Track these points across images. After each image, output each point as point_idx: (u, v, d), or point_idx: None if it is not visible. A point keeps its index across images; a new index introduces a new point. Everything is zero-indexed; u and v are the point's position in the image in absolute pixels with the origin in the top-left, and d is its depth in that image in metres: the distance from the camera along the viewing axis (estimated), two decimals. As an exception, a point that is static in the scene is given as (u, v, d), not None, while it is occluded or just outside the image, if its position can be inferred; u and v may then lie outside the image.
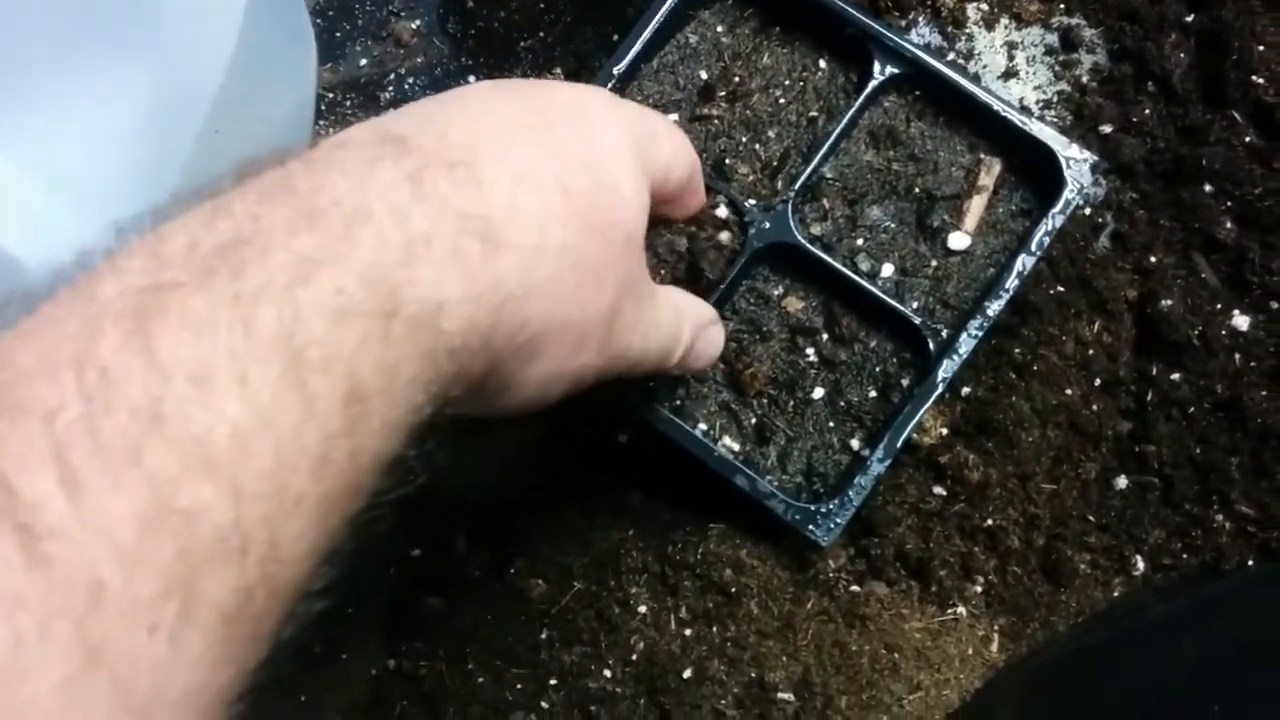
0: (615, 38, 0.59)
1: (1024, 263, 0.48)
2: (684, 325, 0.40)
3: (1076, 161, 0.48)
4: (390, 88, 0.61)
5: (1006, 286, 0.48)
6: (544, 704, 0.51)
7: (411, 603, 0.55)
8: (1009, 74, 0.58)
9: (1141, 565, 0.52)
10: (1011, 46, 0.59)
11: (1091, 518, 0.53)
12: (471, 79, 0.61)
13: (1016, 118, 0.49)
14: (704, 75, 0.52)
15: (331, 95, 0.61)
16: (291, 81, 0.55)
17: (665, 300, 0.39)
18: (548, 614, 0.52)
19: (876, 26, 0.50)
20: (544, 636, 0.52)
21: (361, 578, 0.56)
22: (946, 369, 0.48)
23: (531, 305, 0.30)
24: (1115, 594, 0.52)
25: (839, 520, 0.47)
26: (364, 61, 0.61)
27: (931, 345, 0.48)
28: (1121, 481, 0.53)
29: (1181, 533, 0.52)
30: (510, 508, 0.55)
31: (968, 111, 0.51)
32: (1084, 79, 0.58)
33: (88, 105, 0.41)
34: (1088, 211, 0.56)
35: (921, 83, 0.51)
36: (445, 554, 0.55)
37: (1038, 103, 0.58)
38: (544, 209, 0.30)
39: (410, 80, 0.61)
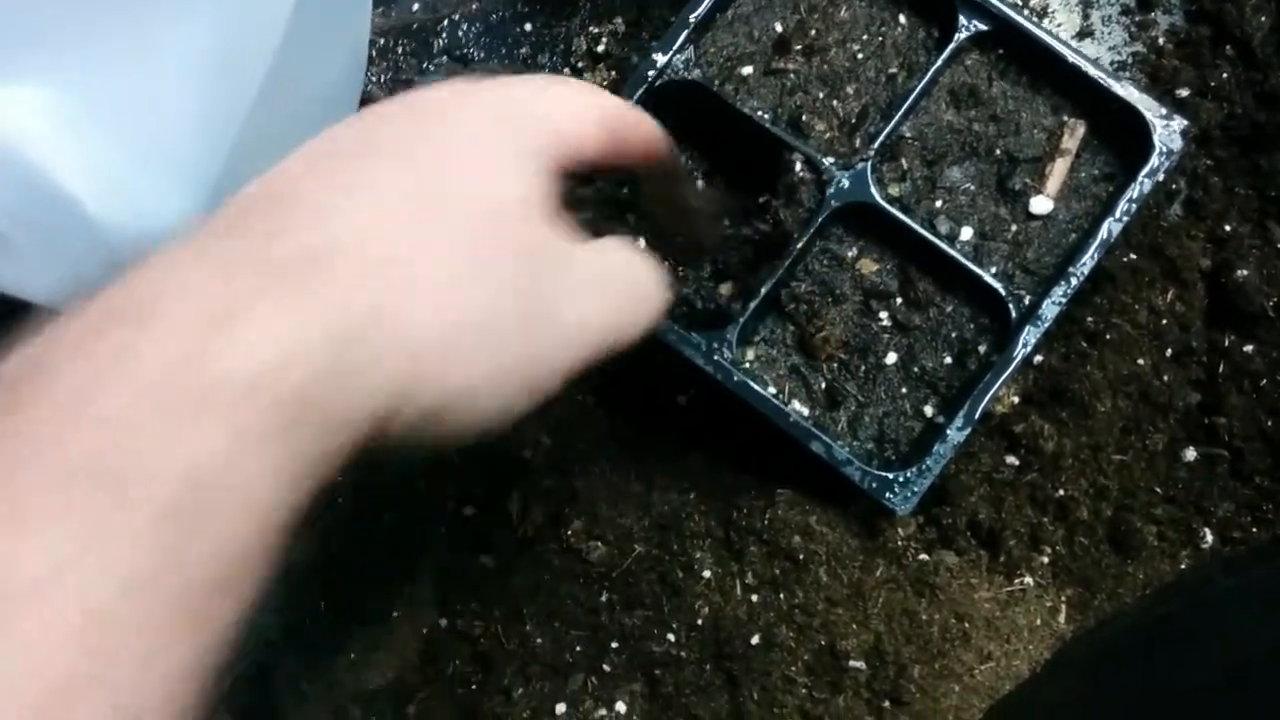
0: (678, -14, 0.57)
1: (1109, 229, 0.47)
2: (643, 266, 0.35)
3: (1167, 125, 0.47)
4: (444, 34, 0.59)
5: (1093, 253, 0.47)
6: (605, 666, 0.51)
7: (464, 562, 0.54)
8: (1083, 34, 0.57)
9: (1210, 538, 0.52)
10: (1087, 5, 0.57)
11: (1159, 489, 0.52)
12: (528, 26, 0.59)
13: (1105, 79, 0.48)
14: (779, 28, 0.51)
15: (383, 41, 0.59)
16: (347, 29, 0.54)
17: (598, 256, 0.34)
18: (608, 576, 0.52)
19: (961, -20, 0.48)
20: (604, 599, 0.52)
21: (411, 535, 0.55)
22: (1029, 336, 0.46)
23: (438, 381, 0.28)
24: (1183, 566, 0.52)
25: (917, 489, 0.46)
26: (416, 6, 0.59)
27: (1014, 312, 0.47)
28: (1190, 453, 0.52)
29: (1251, 506, 0.52)
30: (565, 469, 0.54)
31: (1052, 72, 0.49)
32: (1160, 40, 0.57)
33: (155, 62, 0.39)
34: (1161, 178, 0.54)
35: (1006, 41, 0.49)
36: (498, 514, 0.54)
37: (1112, 64, 0.57)
38: (427, 278, 0.28)
39: (464, 26, 0.59)
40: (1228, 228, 0.54)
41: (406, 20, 0.59)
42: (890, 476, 0.46)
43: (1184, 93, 0.55)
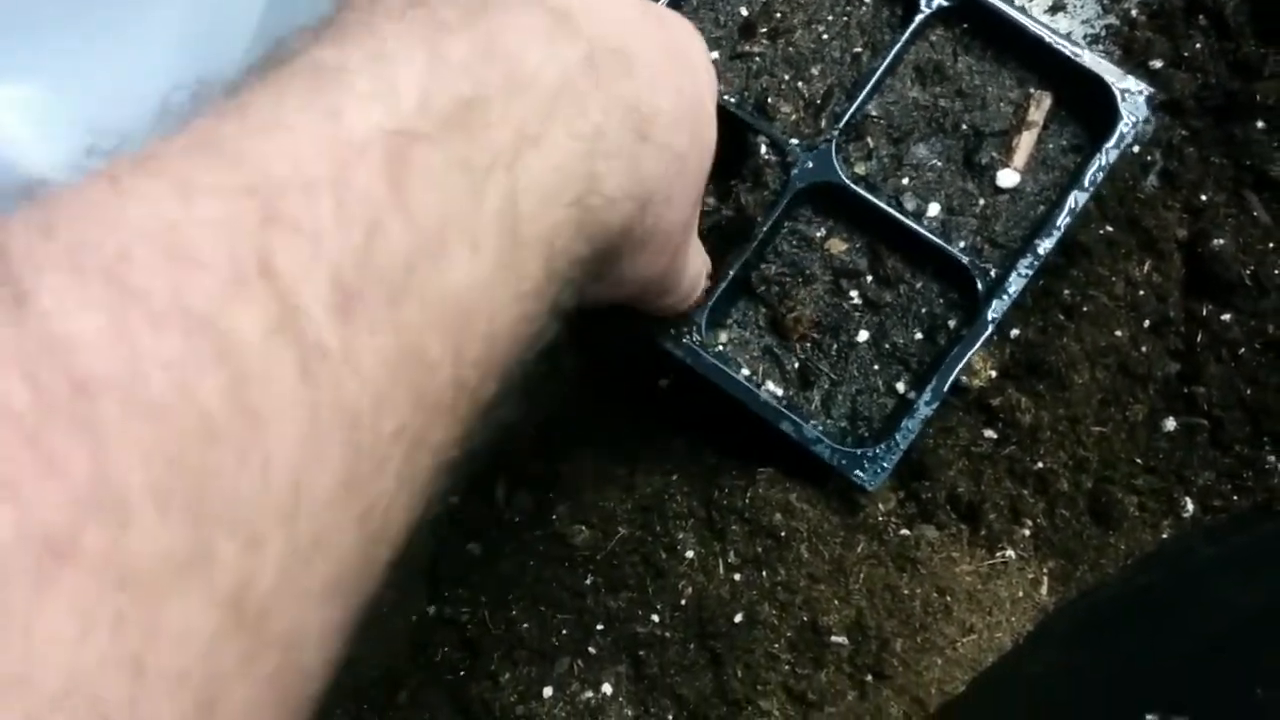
0: (650, -23, 0.58)
1: (1076, 199, 0.47)
2: (705, 267, 0.43)
3: (1131, 94, 0.47)
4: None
5: (1058, 224, 0.47)
6: (591, 649, 0.51)
7: (451, 549, 0.55)
8: (1056, 7, 0.57)
9: (1191, 507, 0.52)
10: (1059, -22, 0.58)
11: (1140, 460, 0.52)
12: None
13: (1069, 49, 0.48)
14: (744, 11, 0.51)
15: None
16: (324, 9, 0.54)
17: (697, 240, 0.41)
18: (592, 559, 0.52)
19: (922, -43, 0.49)
20: (589, 582, 0.52)
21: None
22: (996, 309, 0.47)
23: (657, 205, 0.31)
24: (1164, 536, 0.52)
25: (886, 464, 0.46)
26: None
27: (980, 285, 0.47)
28: (1170, 423, 0.52)
29: (1231, 474, 0.52)
30: (550, 454, 0.55)
31: (1017, 44, 0.49)
32: (1133, 12, 0.57)
33: (130, 49, 0.40)
34: (1136, 149, 0.54)
35: (969, 16, 0.50)
36: (484, 500, 0.55)
37: (1085, 37, 0.57)
38: (672, 111, 0.31)
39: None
40: (1204, 197, 0.54)
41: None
42: (859, 453, 0.46)
43: (1157, 64, 0.55)
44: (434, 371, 0.23)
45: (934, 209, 0.49)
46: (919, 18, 0.49)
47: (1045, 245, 0.47)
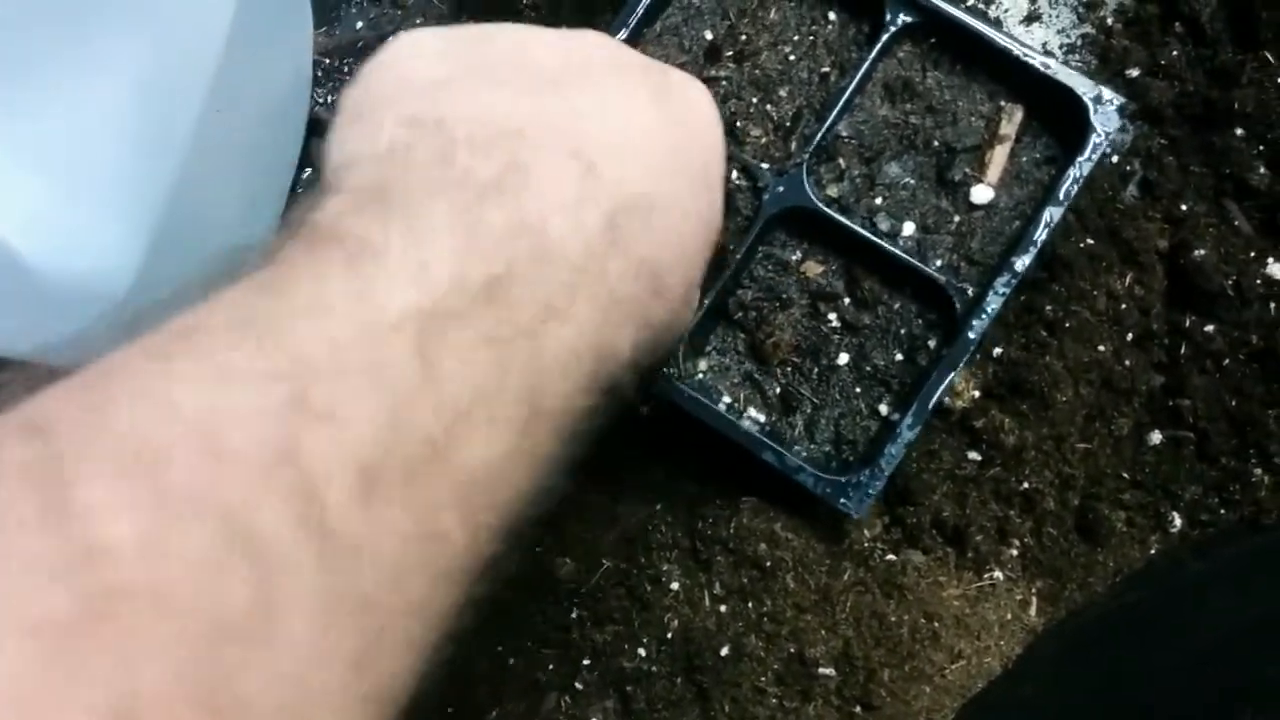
0: (621, -3, 0.57)
1: (1051, 214, 0.47)
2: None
3: (1103, 105, 0.47)
4: (389, 58, 0.59)
5: (1034, 240, 0.46)
6: (578, 685, 0.51)
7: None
8: (1031, 17, 0.56)
9: (1179, 522, 0.51)
10: (1033, -12, 0.57)
11: (1126, 475, 0.52)
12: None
13: (1038, 61, 0.47)
14: (709, 35, 0.51)
15: (328, 60, 0.59)
16: (289, 49, 0.53)
17: None
18: (577, 593, 0.52)
19: (887, -27, 0.48)
20: (574, 616, 0.52)
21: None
22: (975, 329, 0.46)
23: (671, 332, 0.32)
24: (1153, 552, 0.51)
25: (871, 491, 0.46)
26: (360, 24, 0.59)
27: (958, 305, 0.47)
28: (1155, 437, 0.52)
29: (1219, 488, 0.51)
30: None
31: (986, 58, 0.49)
32: (1109, 21, 0.56)
33: (83, 85, 0.39)
34: (1115, 159, 0.54)
35: (935, 30, 0.49)
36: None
37: (1061, 46, 0.56)
38: (687, 250, 0.32)
39: (410, 51, 0.59)
40: (1184, 207, 0.53)
41: (351, 39, 0.59)
42: (843, 480, 0.45)
43: (1134, 73, 0.55)
44: (448, 546, 0.23)
45: (909, 228, 0.49)
46: (885, 35, 0.48)
47: (1022, 262, 0.46)
